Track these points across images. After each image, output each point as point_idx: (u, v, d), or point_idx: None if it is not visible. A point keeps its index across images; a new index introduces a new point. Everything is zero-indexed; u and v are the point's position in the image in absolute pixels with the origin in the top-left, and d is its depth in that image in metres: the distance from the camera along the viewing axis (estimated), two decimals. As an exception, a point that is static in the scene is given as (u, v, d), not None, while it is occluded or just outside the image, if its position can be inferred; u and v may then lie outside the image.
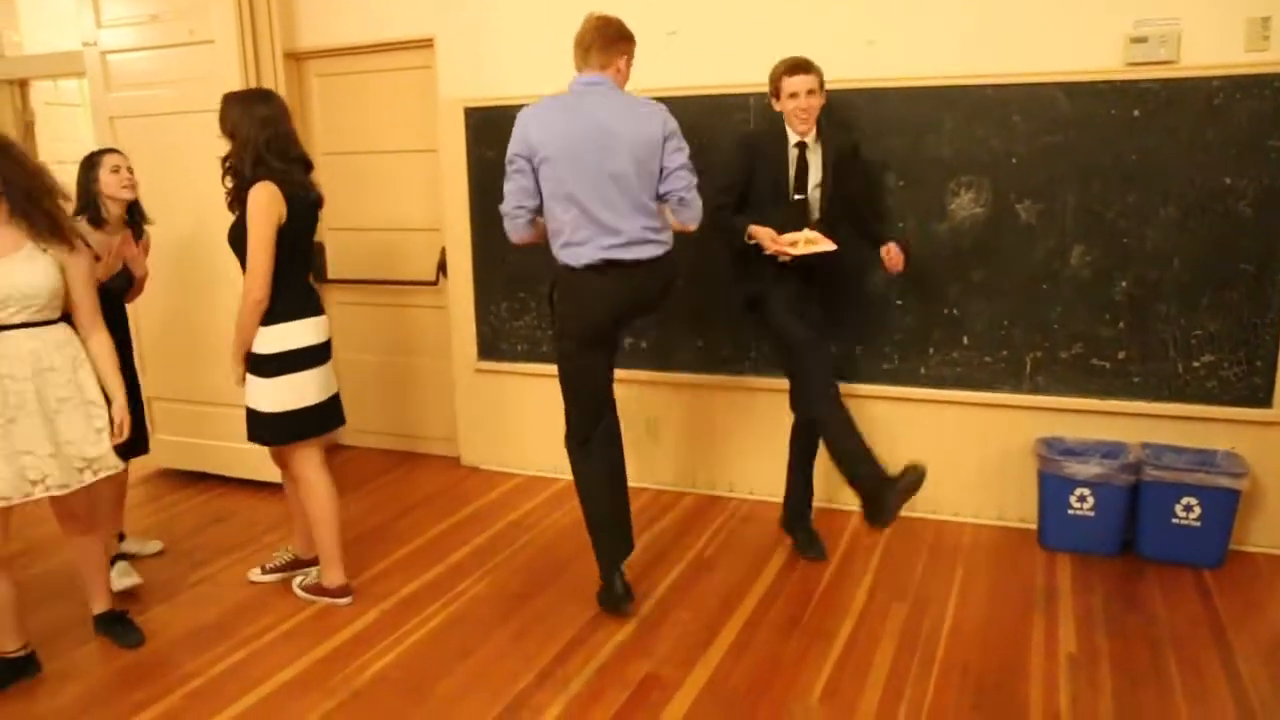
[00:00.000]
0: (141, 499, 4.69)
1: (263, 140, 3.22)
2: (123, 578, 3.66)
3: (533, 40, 4.45)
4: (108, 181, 3.56)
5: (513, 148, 3.20)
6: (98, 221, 3.58)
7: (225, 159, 3.30)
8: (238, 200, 3.29)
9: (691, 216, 3.33)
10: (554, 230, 3.24)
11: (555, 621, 3.36)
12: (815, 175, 3.59)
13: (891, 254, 3.59)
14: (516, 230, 3.29)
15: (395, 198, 5.06)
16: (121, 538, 3.93)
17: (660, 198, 3.28)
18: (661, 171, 3.24)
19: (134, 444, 3.57)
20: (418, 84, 4.81)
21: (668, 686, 2.95)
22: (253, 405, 3.39)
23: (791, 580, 3.63)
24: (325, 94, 5.09)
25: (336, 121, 5.11)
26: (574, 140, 3.13)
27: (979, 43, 3.79)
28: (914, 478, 3.29)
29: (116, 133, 4.64)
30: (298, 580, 3.67)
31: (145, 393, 4.88)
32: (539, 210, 3.25)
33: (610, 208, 3.16)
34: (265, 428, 3.40)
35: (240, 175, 3.27)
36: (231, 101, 3.33)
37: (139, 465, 4.89)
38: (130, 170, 3.63)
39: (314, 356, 3.41)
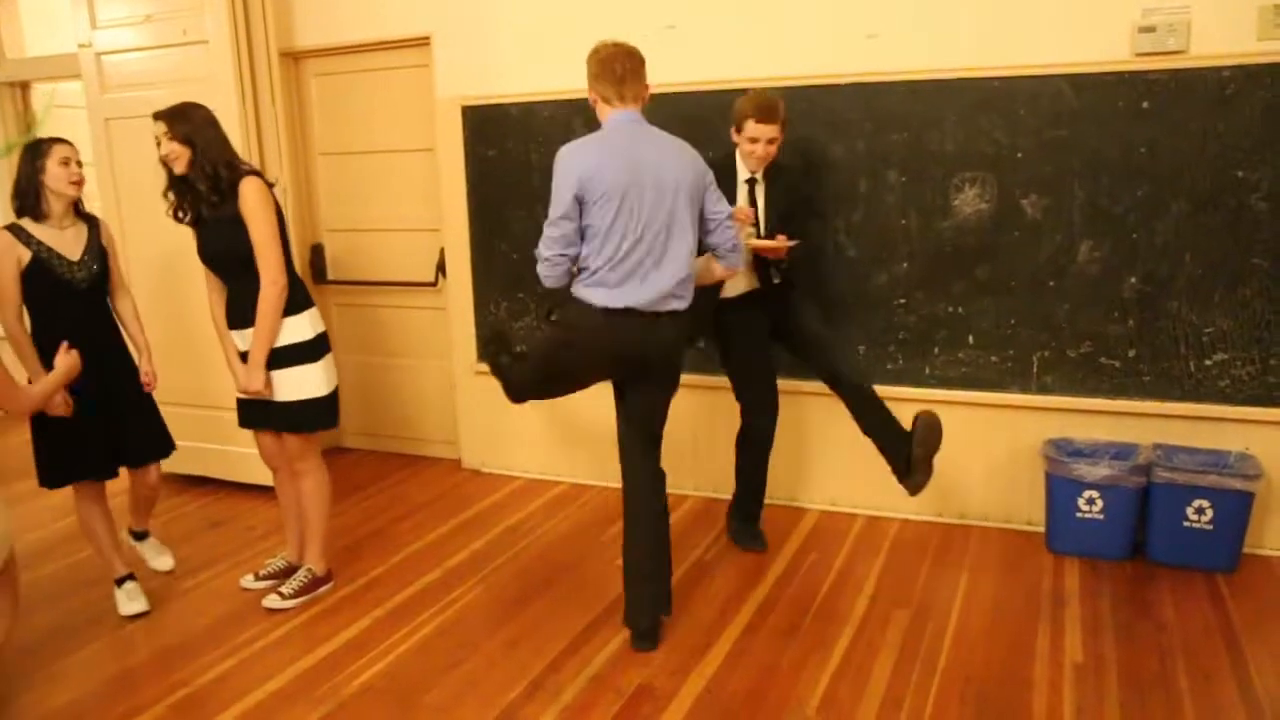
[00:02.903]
0: (140, 503, 4.66)
1: (221, 138, 3.29)
2: (131, 600, 3.52)
3: (529, 38, 4.39)
4: (56, 174, 3.27)
5: (563, 190, 2.91)
6: (38, 215, 3.30)
7: (191, 168, 3.25)
8: (221, 202, 3.26)
9: (739, 261, 3.26)
10: (590, 269, 2.99)
11: (549, 629, 3.30)
12: (761, 210, 3.56)
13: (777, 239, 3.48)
14: (557, 279, 3.03)
15: (393, 198, 5.01)
16: (144, 535, 3.88)
17: (709, 247, 3.18)
18: (706, 222, 3.09)
19: (160, 444, 3.64)
20: (415, 83, 4.76)
21: (661, 697, 2.88)
22: (305, 395, 3.41)
23: (791, 587, 3.56)
24: (322, 93, 5.05)
25: (333, 121, 5.07)
26: (630, 185, 2.90)
27: (982, 35, 3.69)
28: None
29: (111, 134, 4.61)
30: (273, 599, 3.54)
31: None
32: (576, 259, 3.01)
33: (654, 260, 2.97)
34: (324, 410, 3.48)
35: (214, 179, 3.24)
36: (173, 114, 3.27)
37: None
38: (80, 164, 3.36)
39: (329, 339, 3.54)
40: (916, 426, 3.43)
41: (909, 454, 3.48)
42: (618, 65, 3.01)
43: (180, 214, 3.37)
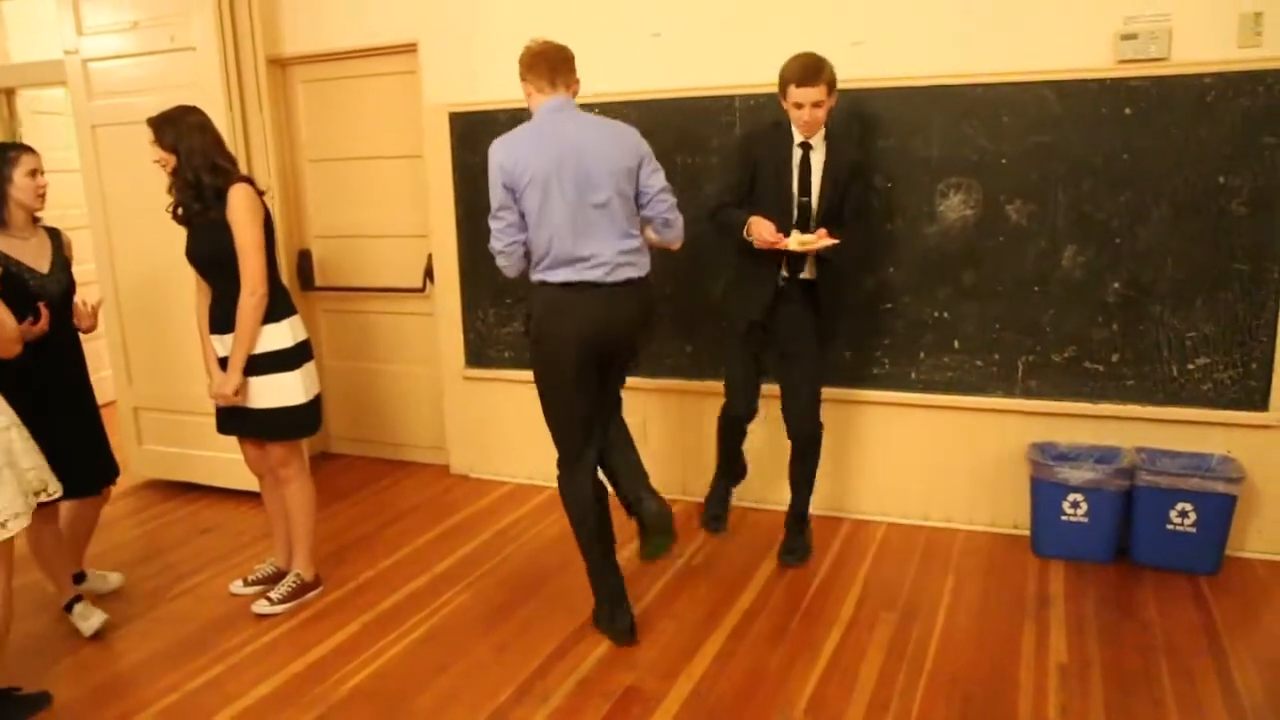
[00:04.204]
0: (127, 510, 4.65)
1: (207, 144, 3.26)
2: (86, 620, 3.41)
3: (516, 44, 4.32)
4: (24, 186, 3.22)
5: (493, 183, 3.07)
6: (1, 222, 3.24)
7: (174, 175, 3.26)
8: (204, 209, 3.26)
9: (675, 236, 3.28)
10: (535, 257, 3.14)
11: (537, 633, 3.31)
12: (817, 179, 3.45)
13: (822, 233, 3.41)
14: (514, 266, 3.17)
15: (381, 204, 5.02)
16: (81, 578, 3.66)
17: (645, 220, 3.22)
18: (640, 196, 3.15)
19: (102, 472, 3.57)
20: (402, 89, 4.77)
21: (649, 699, 2.89)
22: (282, 402, 3.41)
23: (779, 590, 3.57)
24: (310, 100, 5.06)
25: (321, 128, 5.07)
26: (555, 167, 3.01)
27: (967, 42, 3.73)
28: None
29: (98, 141, 4.61)
30: (262, 604, 3.54)
31: (132, 402, 4.88)
32: (527, 243, 3.13)
33: (591, 235, 3.05)
34: (302, 418, 3.47)
35: (197, 185, 3.24)
36: (162, 121, 3.27)
37: (125, 477, 4.88)
38: (44, 174, 3.30)
39: (311, 347, 3.53)
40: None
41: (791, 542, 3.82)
42: (550, 57, 3.16)
43: (176, 212, 3.36)
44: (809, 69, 3.32)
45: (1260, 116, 3.43)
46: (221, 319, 3.38)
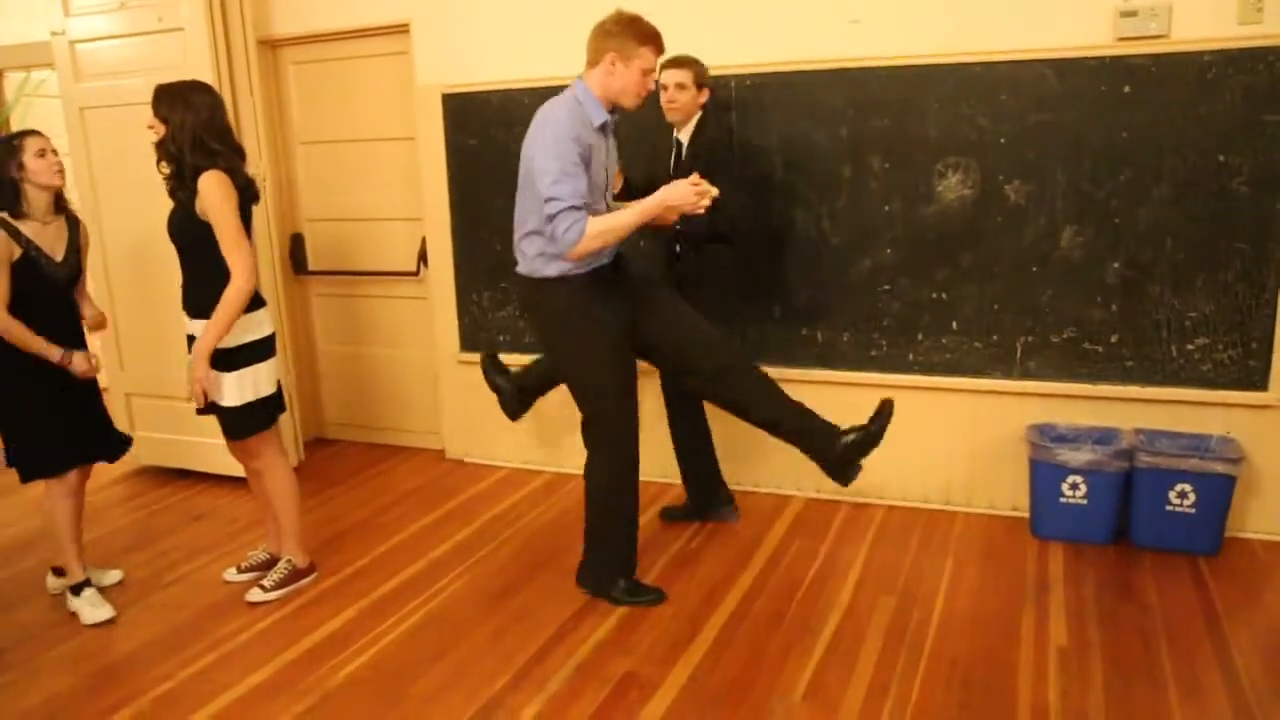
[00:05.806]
0: (120, 497, 4.63)
1: (200, 122, 3.15)
2: (95, 608, 3.39)
3: (509, 25, 4.36)
4: (37, 168, 3.21)
5: None
6: (17, 214, 3.24)
7: (160, 143, 3.19)
8: (179, 187, 3.20)
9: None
10: None
11: (535, 619, 3.29)
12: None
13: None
14: None
15: (374, 187, 4.97)
16: None
17: None
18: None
19: (109, 444, 3.58)
20: (394, 70, 4.72)
21: (647, 685, 2.87)
22: (213, 399, 3.32)
23: (777, 574, 3.55)
24: (301, 82, 5.00)
25: (313, 110, 5.01)
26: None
27: (965, 20, 3.68)
28: None
29: (87, 123, 4.56)
30: (255, 592, 3.51)
31: (125, 388, 4.84)
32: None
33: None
34: (229, 420, 3.37)
35: (179, 160, 3.17)
36: (165, 90, 3.20)
37: (119, 463, 4.85)
38: (56, 152, 3.29)
39: (269, 346, 3.42)
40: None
41: None
42: None
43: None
44: (673, 58, 3.50)
45: (1261, 94, 3.40)
46: (188, 301, 3.30)
